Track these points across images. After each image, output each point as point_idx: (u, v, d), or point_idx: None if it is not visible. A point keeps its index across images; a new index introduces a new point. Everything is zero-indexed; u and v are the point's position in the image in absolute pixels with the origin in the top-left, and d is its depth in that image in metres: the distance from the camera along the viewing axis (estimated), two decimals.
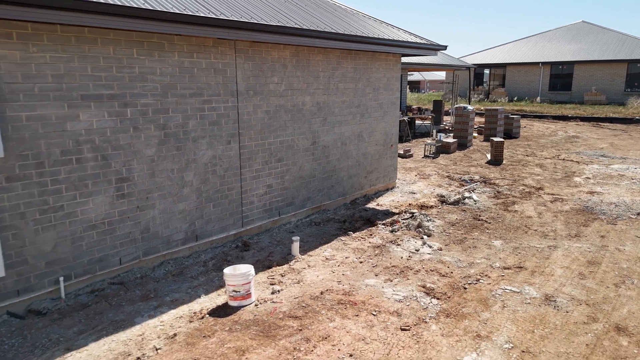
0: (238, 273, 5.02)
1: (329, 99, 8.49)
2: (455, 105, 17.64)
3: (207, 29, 5.78)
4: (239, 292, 5.03)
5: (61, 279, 5.23)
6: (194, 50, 6.22)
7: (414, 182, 11.16)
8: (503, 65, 40.20)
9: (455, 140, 15.88)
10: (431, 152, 14.89)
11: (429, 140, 16.49)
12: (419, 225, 7.46)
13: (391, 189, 10.59)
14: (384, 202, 9.47)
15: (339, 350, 4.17)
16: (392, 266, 6.01)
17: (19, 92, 4.72)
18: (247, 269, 5.14)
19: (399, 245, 6.72)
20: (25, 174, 4.86)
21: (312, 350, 4.16)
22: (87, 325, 4.76)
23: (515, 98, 37.34)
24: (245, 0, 7.15)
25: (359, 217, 8.36)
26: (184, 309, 5.06)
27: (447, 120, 24.78)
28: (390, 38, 8.77)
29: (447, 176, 11.73)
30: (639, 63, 33.19)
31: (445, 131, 19.70)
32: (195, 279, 5.84)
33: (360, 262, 6.17)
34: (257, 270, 6.04)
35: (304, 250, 6.74)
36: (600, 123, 25.29)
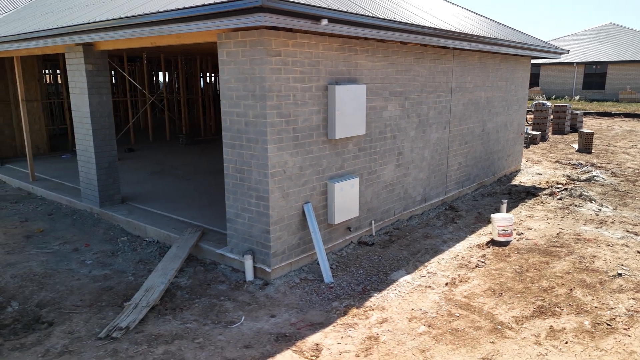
0: (507, 217, 7.10)
1: (493, 94, 10.55)
2: (535, 102, 19.65)
3: (447, 41, 7.78)
4: (507, 230, 7.11)
5: (372, 221, 7.34)
6: (435, 58, 8.28)
7: (531, 166, 13.21)
8: (537, 65, 41.99)
9: (539, 132, 17.92)
10: (523, 143, 16.92)
11: None
12: (581, 195, 9.52)
13: (518, 171, 12.65)
14: (523, 180, 11.53)
15: (610, 262, 6.24)
16: (590, 219, 8.08)
17: (368, 90, 6.81)
18: (510, 215, 7.21)
19: (580, 207, 8.79)
20: (365, 147, 6.96)
21: (593, 263, 6.24)
22: (409, 251, 6.85)
23: (554, 96, 39.22)
24: (451, 15, 9.21)
25: (516, 191, 10.42)
26: (466, 243, 7.14)
27: None
28: (535, 44, 10.79)
29: (556, 161, 13.78)
30: None
31: None
32: (445, 227, 7.92)
33: (562, 217, 8.25)
34: (485, 222, 8.11)
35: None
36: None
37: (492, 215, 7.24)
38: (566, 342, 4.38)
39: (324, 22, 4.91)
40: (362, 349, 4.32)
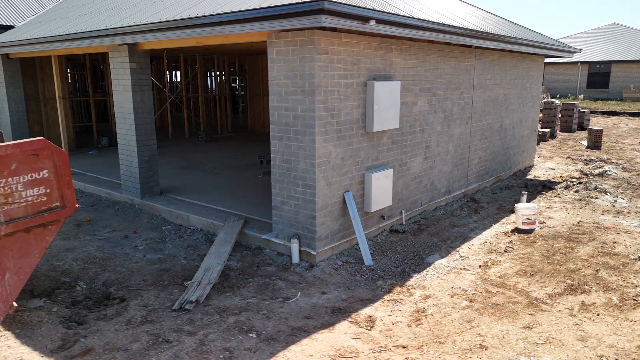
0: (530, 206, 7.51)
1: (510, 91, 10.97)
2: (544, 100, 20.07)
3: (474, 40, 8.19)
4: (530, 219, 7.52)
5: (403, 211, 7.76)
6: (459, 57, 8.70)
7: (544, 162, 13.62)
8: None
9: (548, 130, 18.33)
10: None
11: None
12: (595, 187, 9.93)
13: (532, 166, 13.06)
14: (537, 174, 11.94)
15: (630, 247, 6.66)
16: (607, 210, 8.49)
17: (401, 86, 7.23)
18: (534, 204, 7.63)
19: (596, 198, 9.21)
20: (397, 140, 7.38)
21: (615, 248, 6.65)
22: (440, 238, 7.27)
23: (558, 95, 39.63)
24: (474, 18, 9.62)
25: (533, 184, 10.84)
26: (491, 231, 7.56)
27: None
28: (551, 43, 11.20)
29: (567, 157, 14.19)
30: None
31: None
32: (470, 217, 8.34)
33: (580, 208, 8.66)
34: (507, 213, 8.53)
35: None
36: None
37: (516, 205, 7.65)
38: (598, 314, 4.80)
39: (372, 22, 5.33)
40: (412, 320, 4.74)
